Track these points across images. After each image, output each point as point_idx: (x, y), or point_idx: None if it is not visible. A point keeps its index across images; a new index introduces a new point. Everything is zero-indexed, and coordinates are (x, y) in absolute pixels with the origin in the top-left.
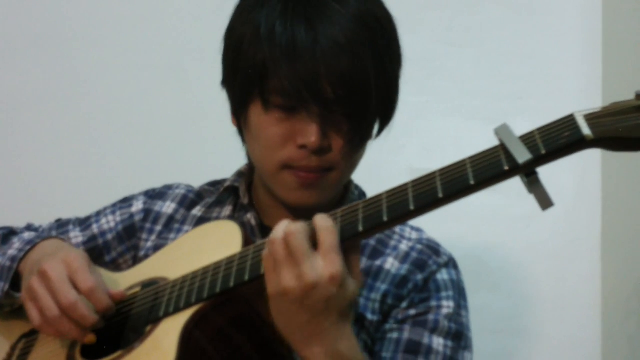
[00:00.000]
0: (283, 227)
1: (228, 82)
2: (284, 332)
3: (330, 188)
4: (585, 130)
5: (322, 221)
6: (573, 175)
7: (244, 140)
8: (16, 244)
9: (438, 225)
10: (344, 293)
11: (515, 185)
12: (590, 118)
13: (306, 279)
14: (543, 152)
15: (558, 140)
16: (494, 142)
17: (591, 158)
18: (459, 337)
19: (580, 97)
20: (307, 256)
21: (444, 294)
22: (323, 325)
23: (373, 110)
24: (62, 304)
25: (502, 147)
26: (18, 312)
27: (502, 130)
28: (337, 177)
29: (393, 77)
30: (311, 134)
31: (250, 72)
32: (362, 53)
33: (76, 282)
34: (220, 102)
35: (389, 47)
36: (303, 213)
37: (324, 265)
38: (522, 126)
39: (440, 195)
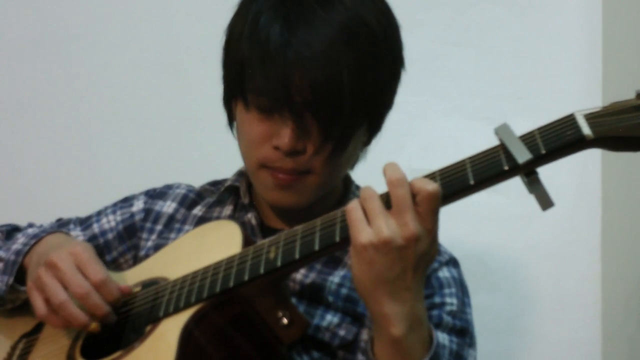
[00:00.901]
0: (372, 187)
1: (222, 77)
2: (366, 288)
3: (309, 191)
4: (586, 129)
5: (426, 184)
6: (573, 175)
7: (234, 134)
8: (21, 239)
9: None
10: (434, 251)
11: (515, 185)
12: (591, 117)
13: (410, 230)
14: (543, 151)
15: (558, 139)
16: (494, 142)
17: (591, 158)
18: (464, 333)
19: (580, 97)
20: (411, 207)
21: (447, 290)
22: (410, 282)
23: (347, 118)
24: (76, 292)
25: (502, 147)
26: (19, 312)
27: (502, 130)
28: (315, 180)
29: (379, 86)
30: (284, 136)
31: (233, 70)
32: (337, 61)
33: (86, 273)
34: (220, 102)
35: (375, 54)
36: (302, 214)
37: (424, 220)
38: (523, 126)
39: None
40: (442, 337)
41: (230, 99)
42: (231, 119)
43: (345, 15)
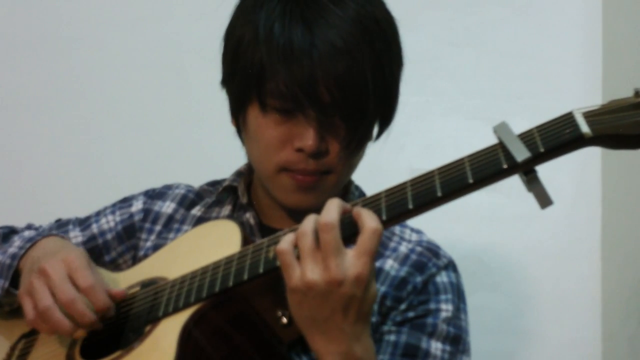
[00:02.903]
0: (313, 220)
1: (227, 82)
2: (301, 325)
3: (328, 191)
4: (584, 127)
5: (371, 221)
6: (573, 175)
7: (242, 140)
8: (17, 242)
9: (437, 225)
10: (367, 295)
11: (515, 184)
12: (589, 115)
13: (332, 275)
14: (542, 150)
15: (557, 138)
16: (493, 142)
17: (591, 158)
18: (457, 341)
19: (580, 97)
20: (337, 252)
21: (442, 296)
22: (342, 324)
23: (371, 113)
24: (61, 299)
25: (501, 145)
26: (18, 312)
27: (500, 129)
28: (334, 180)
29: (392, 80)
30: (308, 138)
31: (248, 74)
32: (359, 56)
33: (75, 280)
34: (220, 102)
35: (388, 50)
36: (301, 214)
37: (353, 264)
38: (522, 126)
39: (439, 194)
40: (434, 347)
41: (242, 104)
42: (238, 126)
43: (356, 11)
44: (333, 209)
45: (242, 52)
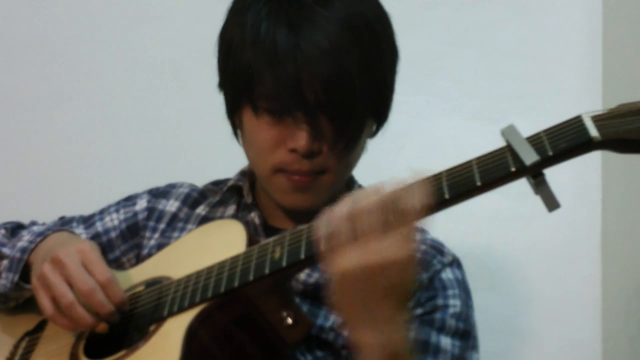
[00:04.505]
0: (349, 204)
1: (222, 85)
2: (341, 313)
3: (325, 190)
4: (593, 131)
5: (418, 201)
6: (573, 175)
7: (239, 142)
8: (26, 236)
9: (437, 225)
10: (407, 279)
11: (515, 185)
12: (598, 119)
13: (371, 259)
14: (550, 153)
15: (565, 141)
16: (493, 142)
17: (591, 158)
18: (467, 336)
19: (581, 97)
20: (375, 236)
21: (450, 292)
22: (382, 311)
23: (359, 113)
24: (81, 289)
25: (509, 148)
26: (21, 310)
27: (508, 131)
28: (330, 179)
29: (383, 78)
30: (300, 139)
31: (238, 77)
32: (346, 57)
33: (93, 272)
34: (219, 102)
35: (378, 48)
36: (305, 214)
37: (396, 247)
38: (523, 126)
39: (447, 196)
40: (444, 342)
41: (236, 107)
42: (235, 128)
43: (344, 11)
44: (372, 194)
45: (232, 55)
